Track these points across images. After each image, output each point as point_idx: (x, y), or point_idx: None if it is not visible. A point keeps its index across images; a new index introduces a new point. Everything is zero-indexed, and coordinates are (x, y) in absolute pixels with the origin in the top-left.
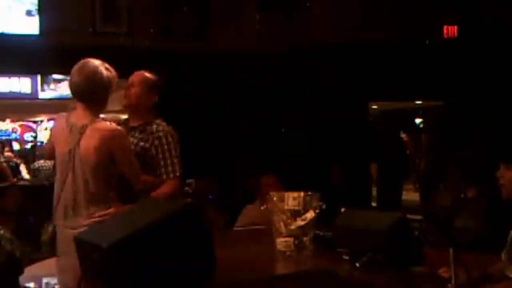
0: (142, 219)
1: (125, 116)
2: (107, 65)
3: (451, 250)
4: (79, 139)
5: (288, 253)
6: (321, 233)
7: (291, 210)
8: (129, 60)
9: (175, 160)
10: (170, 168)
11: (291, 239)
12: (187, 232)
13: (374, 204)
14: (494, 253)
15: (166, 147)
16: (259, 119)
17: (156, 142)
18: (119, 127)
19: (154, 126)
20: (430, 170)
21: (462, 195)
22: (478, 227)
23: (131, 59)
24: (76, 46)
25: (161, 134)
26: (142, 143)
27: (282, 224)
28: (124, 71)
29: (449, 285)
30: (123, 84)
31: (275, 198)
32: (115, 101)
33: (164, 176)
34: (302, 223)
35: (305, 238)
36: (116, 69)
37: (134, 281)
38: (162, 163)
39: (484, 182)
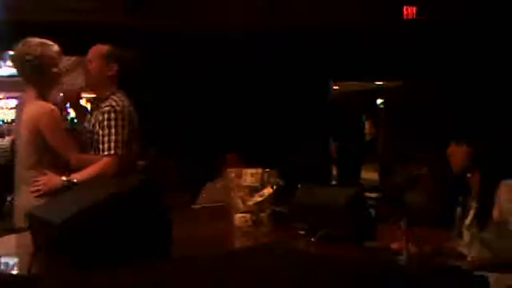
0: (96, 195)
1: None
2: (48, 42)
3: (402, 224)
4: (21, 116)
5: (245, 228)
6: (278, 209)
7: (249, 186)
8: (95, 37)
9: (113, 137)
10: (106, 146)
11: (249, 215)
12: (141, 208)
13: (334, 183)
14: (445, 229)
15: (106, 123)
16: (226, 98)
17: (100, 118)
18: (48, 105)
19: (108, 101)
20: (387, 149)
21: (416, 172)
22: (431, 203)
23: (96, 36)
24: (34, 22)
25: (106, 109)
26: (91, 120)
27: (239, 200)
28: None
29: (400, 257)
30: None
31: (233, 175)
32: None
33: (100, 153)
34: (260, 199)
35: (262, 214)
36: (82, 47)
37: (88, 257)
38: (100, 139)
39: (436, 159)
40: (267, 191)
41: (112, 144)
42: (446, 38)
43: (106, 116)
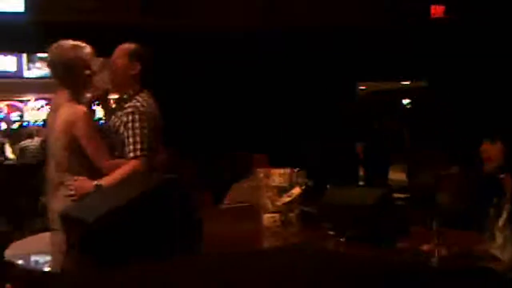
0: (127, 194)
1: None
2: (81, 44)
3: (433, 225)
4: (54, 119)
5: (274, 229)
6: (307, 209)
7: (277, 186)
8: (115, 37)
9: (138, 139)
10: (132, 147)
11: (278, 215)
12: (170, 206)
13: (361, 184)
14: (477, 230)
15: (130, 124)
16: (249, 99)
17: (125, 119)
18: (82, 109)
19: (132, 102)
20: (415, 149)
21: (444, 172)
22: (462, 204)
23: (116, 37)
24: (61, 24)
25: (129, 110)
26: (116, 121)
27: (268, 200)
28: (111, 49)
29: (432, 259)
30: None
31: (261, 175)
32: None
33: (127, 156)
34: (288, 199)
35: (291, 214)
36: (103, 48)
37: (119, 256)
38: (126, 141)
39: (467, 159)
40: (296, 191)
41: (138, 146)
42: (473, 37)
43: (130, 117)
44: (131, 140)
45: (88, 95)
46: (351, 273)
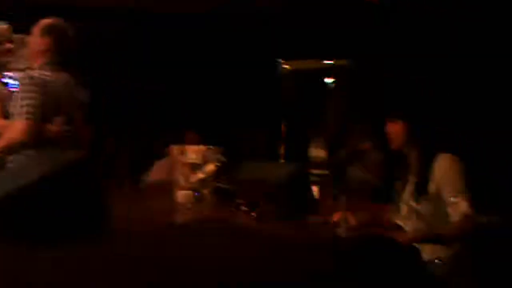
0: (31, 172)
1: None
2: None
3: (342, 198)
4: None
5: (188, 205)
6: (221, 186)
7: (191, 163)
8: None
9: (25, 102)
10: (18, 109)
11: (191, 191)
12: (78, 185)
13: (282, 161)
14: (386, 203)
15: (18, 90)
16: (173, 79)
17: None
18: None
19: (27, 72)
20: (335, 127)
21: (358, 148)
22: (373, 178)
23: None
24: None
25: (22, 76)
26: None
27: (182, 177)
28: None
29: (338, 229)
30: None
31: (175, 152)
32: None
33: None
34: (202, 176)
35: (205, 191)
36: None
37: (26, 235)
38: (13, 105)
39: (379, 136)
40: (210, 168)
41: (24, 109)
42: (395, 18)
43: (22, 82)
44: (18, 102)
45: None
46: (258, 248)
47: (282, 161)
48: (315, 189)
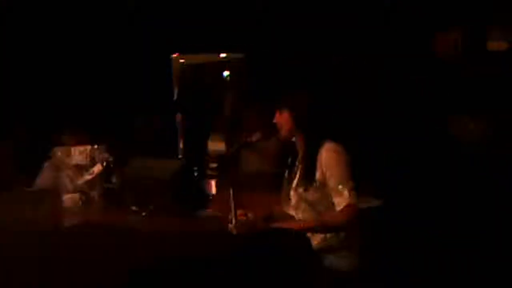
0: None
1: None
2: None
3: (231, 191)
4: None
5: (75, 209)
6: (110, 186)
7: (77, 165)
8: None
9: None
10: None
11: (78, 194)
12: None
13: (180, 156)
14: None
15: None
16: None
17: None
18: None
19: None
20: (233, 119)
21: (247, 140)
22: (265, 168)
23: None
24: None
25: None
26: None
27: (68, 180)
28: None
29: (229, 225)
30: None
31: (59, 153)
32: None
33: None
34: (89, 177)
35: (93, 193)
36: None
37: None
38: None
39: (267, 125)
40: (97, 168)
41: None
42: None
43: None
44: None
45: None
46: (141, 249)
47: (181, 156)
48: (211, 184)
